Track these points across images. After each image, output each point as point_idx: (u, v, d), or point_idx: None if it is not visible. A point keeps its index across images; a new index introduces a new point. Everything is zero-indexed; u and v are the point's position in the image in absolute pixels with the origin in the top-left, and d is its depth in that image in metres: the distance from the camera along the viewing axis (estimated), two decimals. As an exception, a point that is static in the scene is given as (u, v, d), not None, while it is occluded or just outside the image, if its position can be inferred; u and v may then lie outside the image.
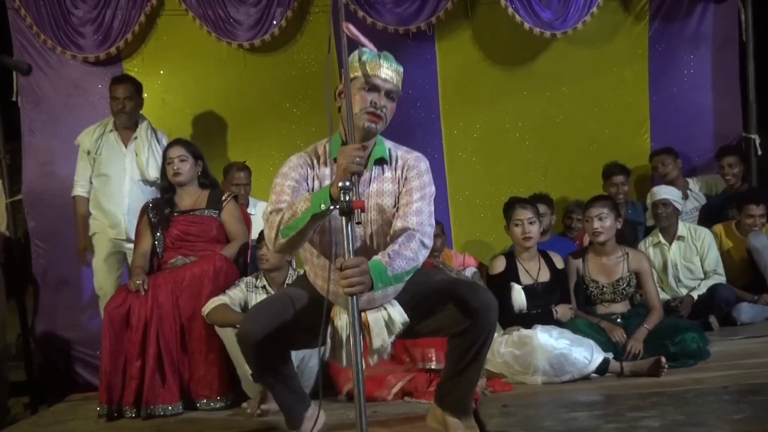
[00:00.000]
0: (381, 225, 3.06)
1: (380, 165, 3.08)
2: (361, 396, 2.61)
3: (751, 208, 5.77)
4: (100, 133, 5.47)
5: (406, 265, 2.88)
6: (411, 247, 2.91)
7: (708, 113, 6.59)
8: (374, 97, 2.99)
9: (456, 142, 6.51)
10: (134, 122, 5.51)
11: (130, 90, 5.47)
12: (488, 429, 3.35)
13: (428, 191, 3.09)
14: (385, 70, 3.01)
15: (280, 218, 2.90)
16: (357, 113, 2.96)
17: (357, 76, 2.99)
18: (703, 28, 6.53)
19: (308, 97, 6.30)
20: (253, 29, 6.12)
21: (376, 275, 2.78)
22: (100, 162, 5.45)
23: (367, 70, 2.98)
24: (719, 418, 3.39)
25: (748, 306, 5.55)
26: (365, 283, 2.73)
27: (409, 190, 3.06)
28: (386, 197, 3.06)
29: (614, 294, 4.83)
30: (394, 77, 3.03)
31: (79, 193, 5.55)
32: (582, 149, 6.55)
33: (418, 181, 3.08)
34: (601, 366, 4.27)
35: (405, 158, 3.12)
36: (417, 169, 3.11)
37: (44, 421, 4.48)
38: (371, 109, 2.98)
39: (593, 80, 6.52)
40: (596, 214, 4.83)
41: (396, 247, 2.90)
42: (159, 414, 4.23)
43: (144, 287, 4.36)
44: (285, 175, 3.10)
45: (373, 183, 3.06)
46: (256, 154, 6.17)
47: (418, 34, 6.24)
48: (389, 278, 2.84)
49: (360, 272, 2.72)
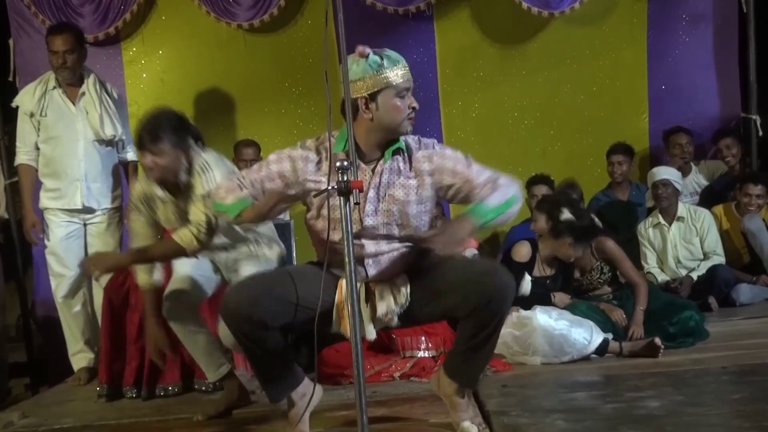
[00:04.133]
0: (393, 215, 3.05)
1: (395, 157, 3.08)
2: (360, 376, 2.60)
3: (749, 187, 5.77)
4: (42, 92, 4.91)
5: (502, 196, 2.99)
6: (500, 182, 3.03)
7: (707, 94, 6.57)
8: (407, 102, 3.03)
9: (455, 122, 6.50)
10: (79, 77, 4.95)
11: (71, 41, 4.86)
12: (487, 409, 3.36)
13: (460, 155, 3.12)
14: (402, 71, 3.03)
15: (225, 204, 3.07)
16: (400, 122, 3.02)
17: (384, 88, 2.98)
18: (702, 7, 6.49)
19: (308, 77, 6.28)
20: (253, 9, 6.10)
21: (476, 214, 2.96)
22: (47, 124, 4.89)
23: (391, 80, 2.99)
24: (718, 398, 3.40)
25: (747, 287, 5.56)
26: (459, 233, 2.92)
27: (453, 170, 3.08)
28: (398, 189, 3.05)
29: (591, 284, 4.85)
30: (409, 73, 3.06)
31: (23, 161, 4.97)
32: (580, 129, 6.54)
33: (451, 156, 3.11)
34: (600, 346, 4.28)
35: (418, 153, 3.11)
36: (437, 151, 3.12)
37: (45, 402, 4.49)
38: (412, 114, 3.05)
39: (592, 60, 6.49)
40: None
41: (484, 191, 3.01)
42: (159, 394, 4.24)
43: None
44: (269, 162, 3.10)
45: (386, 174, 3.05)
46: (254, 134, 6.16)
47: (417, 14, 6.22)
48: (486, 213, 2.97)
49: (446, 232, 2.92)
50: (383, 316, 3.05)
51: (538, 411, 3.37)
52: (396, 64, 3.01)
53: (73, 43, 4.88)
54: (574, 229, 4.60)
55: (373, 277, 3.07)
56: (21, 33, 6.00)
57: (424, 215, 3.11)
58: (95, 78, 5.03)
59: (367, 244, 3.05)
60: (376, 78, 2.97)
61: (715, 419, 3.04)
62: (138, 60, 6.29)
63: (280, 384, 3.13)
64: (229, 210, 3.06)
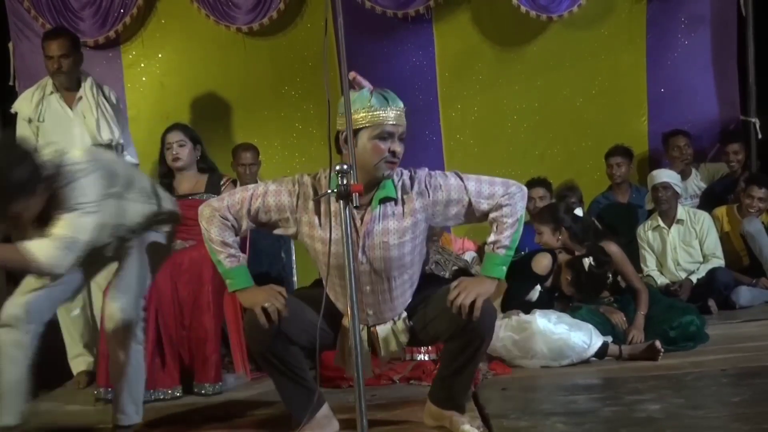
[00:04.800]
0: (387, 262, 3.07)
1: (385, 203, 3.07)
2: (360, 379, 2.61)
3: (753, 189, 5.77)
4: (39, 97, 4.88)
5: (513, 227, 3.07)
6: (505, 212, 3.07)
7: (706, 96, 6.58)
8: (389, 144, 2.98)
9: (454, 125, 6.51)
10: (76, 81, 4.93)
11: (66, 46, 4.84)
12: (487, 412, 3.36)
13: (453, 181, 3.10)
14: (393, 111, 2.99)
15: (209, 236, 3.10)
16: (375, 164, 2.98)
17: (366, 126, 2.96)
18: (700, 9, 6.50)
19: (306, 81, 6.29)
20: (252, 12, 6.11)
21: (492, 268, 3.06)
22: (45, 130, 4.83)
23: (378, 118, 2.97)
24: (718, 400, 3.41)
25: (746, 289, 5.56)
26: (477, 292, 2.96)
27: (447, 201, 3.09)
28: (392, 235, 3.05)
29: None
30: (401, 117, 3.02)
31: None
32: (579, 132, 6.55)
33: (444, 187, 3.09)
34: (600, 350, 4.28)
35: (410, 191, 3.09)
36: (430, 185, 3.10)
37: (44, 406, 4.48)
38: (391, 159, 2.99)
39: (591, 63, 6.50)
40: None
41: (495, 227, 3.09)
42: (158, 398, 4.22)
43: None
44: (266, 194, 3.10)
45: (378, 222, 3.05)
46: (253, 138, 6.16)
47: (416, 17, 6.23)
48: (506, 255, 3.07)
49: (466, 289, 2.97)
50: (386, 356, 3.20)
51: (537, 414, 3.37)
52: (386, 105, 2.98)
53: (68, 47, 4.86)
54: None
55: (374, 323, 3.15)
56: (21, 37, 6.01)
57: (420, 247, 3.15)
58: (92, 82, 5.00)
59: (366, 295, 3.09)
60: (359, 115, 2.95)
61: (715, 422, 3.05)
62: (137, 63, 6.29)
63: (306, 403, 3.12)
64: (226, 273, 3.11)
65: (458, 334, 3.02)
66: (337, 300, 3.15)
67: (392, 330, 3.14)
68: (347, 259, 2.62)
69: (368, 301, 3.11)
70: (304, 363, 3.14)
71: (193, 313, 4.31)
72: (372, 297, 3.11)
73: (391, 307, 3.14)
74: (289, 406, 3.20)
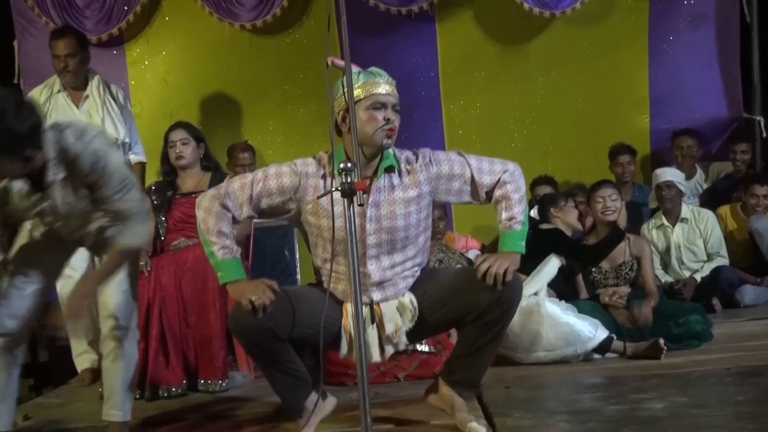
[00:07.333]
0: (393, 233, 3.07)
1: (390, 175, 3.09)
2: (364, 378, 2.61)
3: (755, 188, 5.77)
4: (47, 96, 4.90)
5: (521, 203, 3.13)
6: (510, 189, 3.13)
7: (708, 94, 6.58)
8: (384, 113, 3.02)
9: (456, 121, 6.52)
10: (83, 79, 4.95)
11: (72, 45, 4.86)
12: (491, 411, 3.36)
13: (454, 156, 3.17)
14: (384, 85, 3.05)
15: (206, 226, 3.05)
16: (373, 133, 3.00)
17: (360, 99, 3.00)
18: (703, 8, 6.50)
19: (311, 78, 6.30)
20: (255, 10, 6.12)
21: (513, 243, 3.07)
22: None
23: (369, 90, 3.02)
24: (722, 399, 3.40)
25: (751, 288, 5.55)
26: (507, 263, 2.97)
27: (450, 174, 3.13)
28: (398, 205, 3.07)
29: (617, 279, 4.83)
30: (392, 89, 3.07)
31: None
32: (581, 130, 6.56)
33: (446, 161, 3.14)
34: (604, 343, 4.28)
35: (414, 164, 3.12)
36: (433, 159, 3.13)
37: (48, 403, 4.50)
38: (387, 125, 3.01)
39: (593, 61, 6.52)
40: (608, 194, 4.85)
41: (504, 204, 3.12)
42: (163, 395, 4.23)
43: (147, 269, 4.35)
44: (266, 178, 3.08)
45: (383, 192, 3.07)
46: (257, 135, 6.17)
47: (419, 14, 6.24)
48: (523, 230, 3.10)
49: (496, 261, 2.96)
50: (392, 334, 3.09)
51: (541, 412, 3.37)
52: (374, 78, 3.04)
53: (75, 46, 4.89)
54: None
55: (378, 300, 3.10)
56: (25, 35, 6.02)
57: (425, 223, 3.14)
58: (99, 80, 5.02)
59: (372, 271, 3.06)
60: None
61: (719, 421, 3.04)
62: (141, 61, 6.31)
63: (296, 392, 3.13)
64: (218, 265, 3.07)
65: (485, 313, 2.98)
66: (338, 282, 3.10)
67: (397, 309, 3.09)
68: (351, 259, 2.63)
69: (373, 278, 3.06)
70: (293, 355, 3.08)
71: (198, 311, 4.32)
72: (377, 272, 3.07)
73: (395, 283, 3.10)
74: (281, 396, 3.17)
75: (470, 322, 3.04)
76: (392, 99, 3.05)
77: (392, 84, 3.08)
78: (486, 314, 2.99)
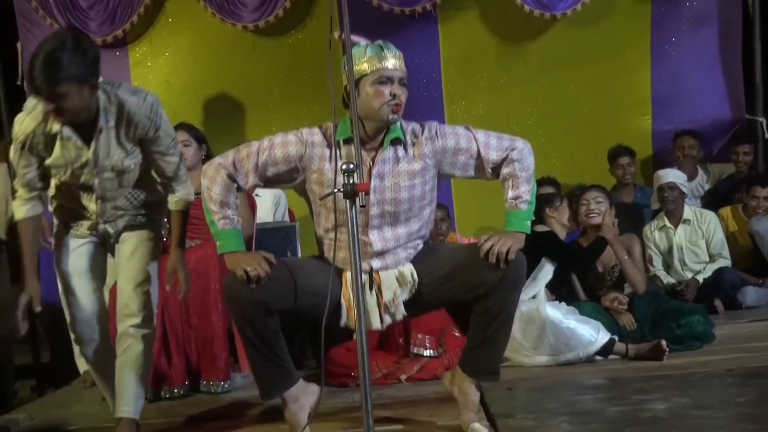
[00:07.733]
0: (397, 204, 3.07)
1: (395, 146, 3.09)
2: (366, 379, 2.61)
3: (756, 190, 5.77)
4: None
5: (529, 183, 3.13)
6: (517, 167, 3.14)
7: (711, 95, 6.57)
8: (390, 88, 3.01)
9: (458, 122, 6.41)
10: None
11: None
12: (493, 412, 3.36)
13: (461, 130, 3.20)
14: (391, 59, 3.03)
15: (209, 194, 3.07)
16: (379, 108, 2.99)
17: (366, 73, 3.00)
18: (705, 8, 6.50)
19: (314, 79, 6.29)
20: (258, 11, 6.13)
21: (518, 223, 3.05)
22: None
23: (375, 64, 3.01)
24: (724, 401, 3.40)
25: (753, 289, 5.55)
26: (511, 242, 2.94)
27: (456, 148, 3.15)
28: (402, 176, 3.07)
29: (612, 279, 4.84)
30: (400, 63, 3.06)
31: None
32: (583, 131, 6.56)
33: (452, 134, 3.17)
34: (606, 345, 4.27)
35: (420, 136, 3.13)
36: (439, 132, 3.16)
37: (50, 404, 4.50)
38: (393, 101, 3.01)
39: (595, 62, 6.51)
40: (593, 197, 4.86)
41: (511, 182, 3.12)
42: (165, 396, 4.24)
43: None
44: (272, 146, 3.11)
45: (388, 163, 3.07)
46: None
47: (422, 14, 6.25)
48: (529, 210, 3.09)
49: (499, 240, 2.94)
50: (390, 302, 3.06)
51: (543, 413, 3.36)
52: (381, 51, 3.02)
53: None
54: None
55: (378, 268, 3.08)
56: (29, 36, 6.03)
57: (429, 196, 3.14)
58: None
59: (373, 241, 3.06)
60: (359, 66, 2.99)
61: (721, 422, 3.04)
62: (144, 62, 6.32)
63: (275, 381, 3.08)
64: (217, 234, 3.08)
65: (487, 288, 2.95)
66: (339, 250, 3.05)
67: (396, 278, 3.07)
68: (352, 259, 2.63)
69: (374, 248, 3.06)
70: (281, 340, 3.03)
71: (200, 312, 4.32)
72: (378, 242, 3.06)
73: (395, 253, 3.09)
74: (257, 380, 3.11)
75: (475, 303, 3.01)
76: (399, 73, 3.04)
77: (400, 57, 3.06)
78: (488, 295, 2.96)
